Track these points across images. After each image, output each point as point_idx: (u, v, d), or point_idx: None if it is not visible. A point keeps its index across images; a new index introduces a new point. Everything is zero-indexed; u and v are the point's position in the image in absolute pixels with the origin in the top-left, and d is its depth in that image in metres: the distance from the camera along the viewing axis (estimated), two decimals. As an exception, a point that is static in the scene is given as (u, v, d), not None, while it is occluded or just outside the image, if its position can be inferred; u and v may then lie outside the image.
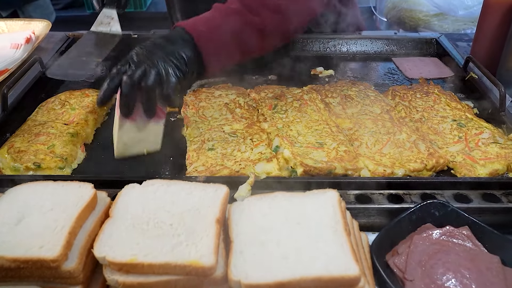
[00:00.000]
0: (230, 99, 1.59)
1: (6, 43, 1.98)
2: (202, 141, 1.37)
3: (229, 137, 1.38)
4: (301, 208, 0.96)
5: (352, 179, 1.20)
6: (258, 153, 1.31)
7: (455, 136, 1.39)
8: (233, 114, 1.51)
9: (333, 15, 1.91)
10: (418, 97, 1.60)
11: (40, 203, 0.95)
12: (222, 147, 1.33)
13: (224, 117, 1.49)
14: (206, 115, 1.51)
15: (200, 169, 1.25)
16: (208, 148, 1.33)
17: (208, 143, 1.35)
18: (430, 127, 1.44)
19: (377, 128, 1.43)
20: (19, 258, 0.82)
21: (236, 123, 1.46)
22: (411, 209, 1.05)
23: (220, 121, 1.47)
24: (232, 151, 1.32)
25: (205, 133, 1.40)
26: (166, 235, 0.88)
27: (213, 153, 1.31)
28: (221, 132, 1.41)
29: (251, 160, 1.28)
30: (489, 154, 1.29)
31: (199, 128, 1.43)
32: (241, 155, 1.30)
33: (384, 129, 1.42)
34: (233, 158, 1.29)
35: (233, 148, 1.33)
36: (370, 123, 1.45)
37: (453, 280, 0.90)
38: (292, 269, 0.82)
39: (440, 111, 1.52)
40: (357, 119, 1.48)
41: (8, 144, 1.31)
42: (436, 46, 2.02)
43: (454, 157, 1.31)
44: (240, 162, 1.27)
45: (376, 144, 1.35)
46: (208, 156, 1.30)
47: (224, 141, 1.36)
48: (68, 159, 1.28)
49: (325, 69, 1.88)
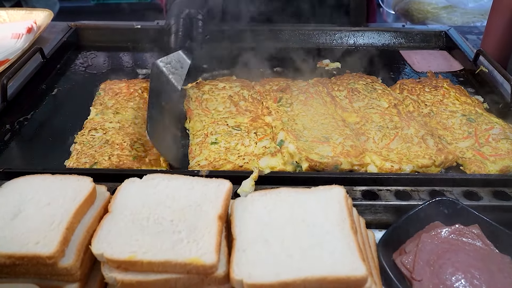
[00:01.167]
0: (234, 92, 1.56)
1: (7, 33, 1.96)
2: (205, 134, 1.34)
3: (233, 131, 1.35)
4: (306, 204, 0.93)
5: (358, 175, 1.17)
6: (262, 147, 1.28)
7: (464, 131, 1.35)
8: (237, 107, 1.47)
9: None
10: (427, 91, 1.56)
11: (37, 197, 0.92)
12: (226, 141, 1.30)
13: (228, 110, 1.46)
14: (210, 108, 1.48)
15: (203, 163, 1.22)
16: (211, 142, 1.30)
17: (211, 136, 1.32)
18: (439, 122, 1.40)
19: (385, 122, 1.39)
20: (14, 254, 0.80)
21: (240, 116, 1.43)
22: (419, 206, 1.02)
23: (224, 114, 1.44)
24: (236, 145, 1.29)
25: (208, 126, 1.37)
26: (166, 231, 0.85)
27: (216, 147, 1.28)
28: (224, 125, 1.38)
29: (255, 154, 1.25)
30: (499, 151, 1.26)
31: (202, 121, 1.40)
32: (245, 149, 1.27)
33: (392, 124, 1.38)
34: (236, 152, 1.26)
35: (237, 142, 1.30)
36: (377, 117, 1.42)
37: (463, 281, 0.87)
38: (297, 268, 0.79)
39: (449, 105, 1.48)
40: (364, 113, 1.45)
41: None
42: (445, 39, 1.98)
43: (464, 153, 1.27)
44: (244, 156, 1.24)
45: (383, 139, 1.32)
46: (211, 150, 1.27)
47: (228, 135, 1.33)
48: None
49: (331, 61, 1.84)
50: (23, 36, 1.95)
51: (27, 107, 1.50)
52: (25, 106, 1.50)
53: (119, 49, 1.96)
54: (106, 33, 2.00)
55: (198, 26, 1.49)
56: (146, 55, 1.92)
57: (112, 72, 1.76)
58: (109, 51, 1.94)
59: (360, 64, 1.83)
